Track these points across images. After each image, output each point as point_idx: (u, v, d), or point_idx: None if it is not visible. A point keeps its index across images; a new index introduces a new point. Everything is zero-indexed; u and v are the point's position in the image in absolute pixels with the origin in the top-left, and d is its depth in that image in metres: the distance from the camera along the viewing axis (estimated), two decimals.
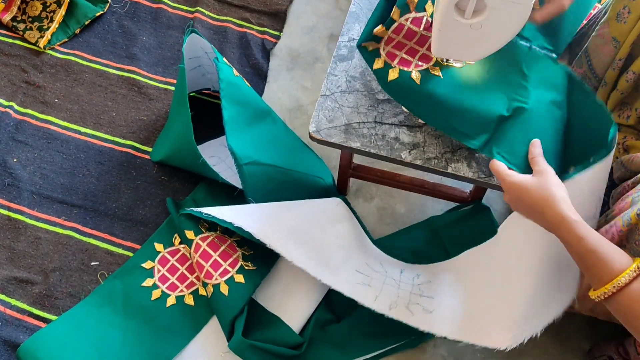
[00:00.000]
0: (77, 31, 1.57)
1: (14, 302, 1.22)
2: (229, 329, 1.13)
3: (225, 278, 1.15)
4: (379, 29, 1.00)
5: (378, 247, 1.26)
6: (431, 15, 1.00)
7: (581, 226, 0.80)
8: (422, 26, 1.01)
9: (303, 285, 1.19)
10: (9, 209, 1.32)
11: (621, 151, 1.13)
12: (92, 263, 1.27)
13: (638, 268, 0.76)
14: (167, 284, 1.22)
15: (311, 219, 1.16)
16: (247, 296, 1.13)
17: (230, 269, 1.16)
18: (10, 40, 1.56)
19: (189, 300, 1.21)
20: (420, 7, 1.00)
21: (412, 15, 1.00)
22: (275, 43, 1.61)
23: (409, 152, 1.03)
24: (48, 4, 1.58)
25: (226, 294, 1.13)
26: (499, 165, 0.92)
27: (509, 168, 0.92)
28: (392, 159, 1.03)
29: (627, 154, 1.07)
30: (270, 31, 1.62)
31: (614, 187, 1.08)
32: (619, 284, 0.76)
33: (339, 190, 1.33)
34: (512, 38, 0.88)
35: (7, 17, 1.57)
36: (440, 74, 0.97)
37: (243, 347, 1.10)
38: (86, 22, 1.58)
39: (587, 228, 0.80)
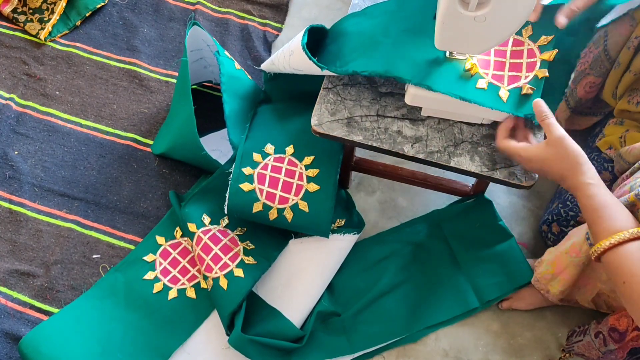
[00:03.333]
0: (78, 23, 1.57)
1: (15, 294, 1.22)
2: (228, 323, 1.13)
3: (224, 272, 1.15)
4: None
5: (379, 242, 1.28)
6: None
7: (593, 187, 0.84)
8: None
9: (304, 279, 1.19)
10: (10, 201, 1.32)
11: (622, 144, 1.12)
12: (94, 256, 1.27)
13: (638, 232, 0.79)
14: (168, 277, 1.22)
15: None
16: (246, 291, 1.13)
17: (230, 263, 1.16)
18: (11, 32, 1.56)
19: (191, 294, 1.21)
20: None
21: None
22: (277, 35, 1.60)
23: (412, 145, 1.03)
24: None
25: (225, 288, 1.13)
26: (508, 143, 0.94)
27: None
28: (395, 153, 1.03)
29: (626, 146, 1.06)
30: (272, 23, 1.61)
31: (615, 180, 1.08)
32: (615, 240, 0.79)
33: (341, 184, 1.32)
34: (516, 31, 0.87)
35: (7, 9, 1.56)
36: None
37: (242, 342, 1.10)
38: (87, 14, 1.57)
39: (599, 189, 0.84)
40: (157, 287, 1.21)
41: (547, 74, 0.96)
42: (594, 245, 0.83)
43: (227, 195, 1.17)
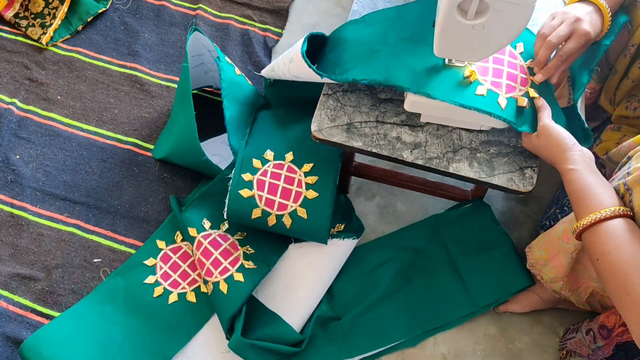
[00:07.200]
0: (80, 28, 1.57)
1: (16, 298, 1.23)
2: (228, 327, 1.13)
3: (224, 276, 1.15)
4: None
5: (378, 247, 1.29)
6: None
7: (574, 172, 0.88)
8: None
9: (304, 283, 1.20)
10: (12, 205, 1.32)
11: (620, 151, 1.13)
12: (95, 260, 1.27)
13: (619, 210, 0.81)
14: (169, 281, 1.23)
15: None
16: (246, 295, 1.13)
17: (230, 267, 1.17)
18: (13, 37, 1.57)
19: (191, 298, 1.21)
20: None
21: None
22: (277, 41, 1.61)
23: (411, 151, 1.03)
24: (50, 1, 1.58)
25: (225, 292, 1.14)
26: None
27: None
28: (394, 159, 1.04)
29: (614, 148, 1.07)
30: (272, 28, 1.62)
31: None
32: (590, 219, 0.82)
33: (341, 188, 1.33)
34: (514, 39, 0.88)
35: (9, 14, 1.57)
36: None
37: (242, 347, 1.11)
38: (88, 19, 1.58)
39: (580, 174, 0.87)
40: (158, 291, 1.22)
41: (537, 96, 0.99)
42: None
43: (226, 201, 1.17)
